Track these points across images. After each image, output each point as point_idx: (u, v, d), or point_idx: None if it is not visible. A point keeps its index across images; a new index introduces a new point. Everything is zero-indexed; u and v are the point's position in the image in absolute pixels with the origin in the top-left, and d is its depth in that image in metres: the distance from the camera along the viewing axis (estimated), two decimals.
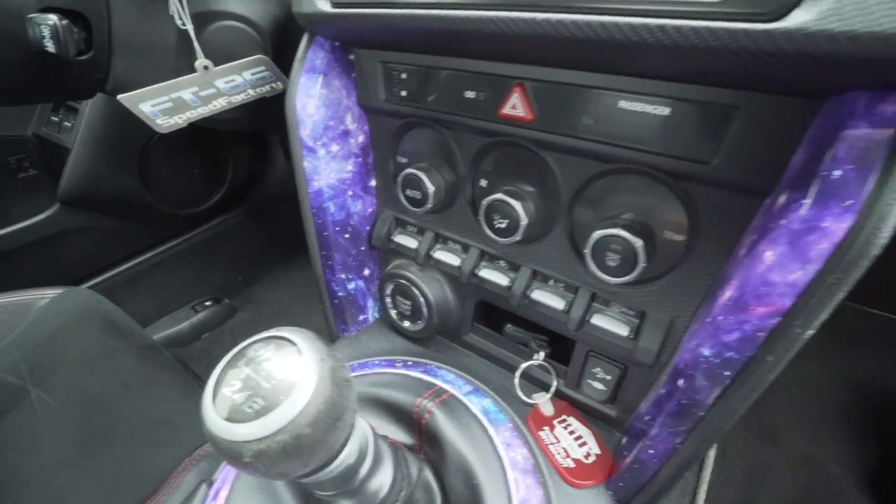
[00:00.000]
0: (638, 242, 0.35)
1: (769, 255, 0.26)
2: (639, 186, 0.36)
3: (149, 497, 0.58)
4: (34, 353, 0.76)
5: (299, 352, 0.24)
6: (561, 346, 0.48)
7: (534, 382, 0.50)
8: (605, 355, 0.44)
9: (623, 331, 0.40)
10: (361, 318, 0.58)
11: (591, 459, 0.43)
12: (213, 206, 1.30)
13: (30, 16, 0.42)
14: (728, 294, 0.29)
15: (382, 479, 0.33)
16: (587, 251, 0.38)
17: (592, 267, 0.38)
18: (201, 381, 0.77)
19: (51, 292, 0.87)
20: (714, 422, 0.31)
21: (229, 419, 0.22)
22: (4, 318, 0.82)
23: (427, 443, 0.42)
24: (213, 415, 0.22)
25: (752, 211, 0.31)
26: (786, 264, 0.25)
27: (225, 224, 1.37)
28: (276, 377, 0.23)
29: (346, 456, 0.28)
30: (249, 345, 0.25)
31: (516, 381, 0.48)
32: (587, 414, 0.47)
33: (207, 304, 1.33)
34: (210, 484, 0.45)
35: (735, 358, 0.29)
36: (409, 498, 0.36)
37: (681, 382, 0.33)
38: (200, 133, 1.21)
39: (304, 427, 0.22)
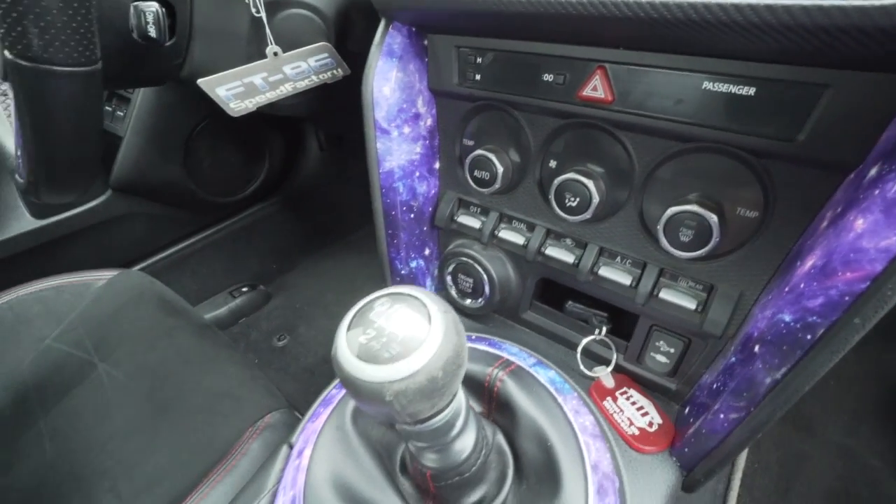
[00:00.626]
0: (713, 217, 0.37)
1: (860, 223, 0.28)
2: (714, 164, 0.38)
3: (217, 463, 0.61)
4: (97, 330, 0.80)
5: (424, 305, 0.27)
6: (621, 322, 0.50)
7: (592, 358, 0.52)
8: (670, 329, 0.45)
9: (690, 304, 0.42)
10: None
11: (654, 428, 0.45)
12: (250, 196, 1.33)
13: (135, 3, 0.45)
14: (811, 263, 0.31)
15: (467, 441, 0.36)
16: (660, 227, 0.40)
17: (664, 242, 0.40)
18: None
19: (107, 274, 0.91)
20: (793, 385, 0.32)
21: (369, 363, 0.24)
22: (66, 298, 0.86)
23: (497, 410, 0.44)
24: (354, 360, 0.25)
25: (834, 186, 0.33)
26: (879, 231, 0.27)
27: (261, 213, 1.41)
28: (408, 326, 0.25)
29: (452, 407, 0.30)
30: (374, 300, 0.28)
31: (578, 355, 0.50)
32: (646, 387, 0.49)
33: (244, 290, 1.37)
34: (290, 446, 0.48)
35: (818, 322, 0.30)
36: (486, 460, 0.39)
37: (757, 349, 0.34)
38: (240, 124, 1.25)
39: (437, 370, 0.24)
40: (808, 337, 0.31)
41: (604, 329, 0.50)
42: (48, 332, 0.80)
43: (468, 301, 0.56)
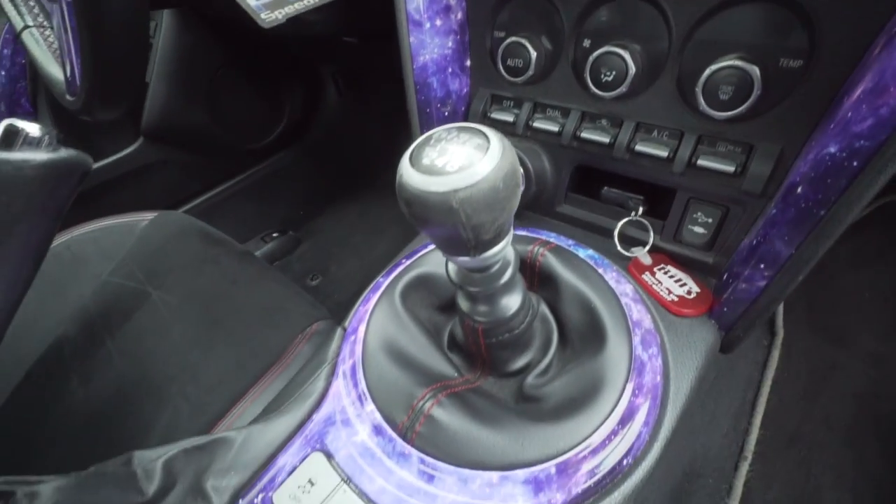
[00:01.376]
0: (754, 69, 0.37)
1: None
2: (754, 15, 0.37)
3: (273, 364, 0.66)
4: (147, 262, 0.85)
5: (479, 130, 0.28)
6: (657, 203, 0.51)
7: (628, 242, 0.53)
8: (707, 199, 0.46)
9: (729, 167, 0.42)
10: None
11: (693, 296, 0.46)
12: (275, 142, 1.35)
13: None
14: (861, 89, 0.31)
15: (514, 298, 0.38)
16: (698, 89, 0.40)
17: (702, 104, 0.40)
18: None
19: (149, 215, 0.95)
20: (838, 214, 0.33)
21: (434, 176, 0.26)
22: (114, 238, 0.91)
23: (540, 283, 0.47)
24: (419, 175, 0.26)
25: (887, 14, 0.32)
26: None
27: (284, 160, 1.43)
28: (467, 146, 0.27)
29: (505, 246, 0.32)
30: (429, 134, 0.29)
31: (616, 236, 0.52)
32: (684, 265, 0.50)
33: (275, 235, 1.42)
34: (345, 329, 0.51)
35: (866, 146, 0.31)
36: (532, 320, 0.41)
37: (800, 190, 0.35)
38: (259, 70, 1.25)
39: (498, 180, 0.26)
40: (855, 164, 0.31)
41: (640, 209, 0.51)
42: (103, 269, 0.85)
43: None
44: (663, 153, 0.45)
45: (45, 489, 0.35)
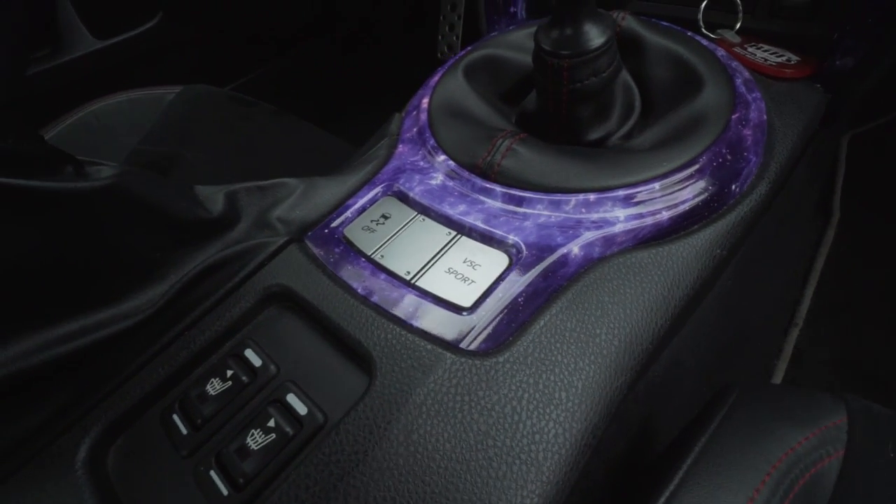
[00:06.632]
0: None
1: None
2: None
3: None
4: (179, 128, 0.82)
5: None
6: None
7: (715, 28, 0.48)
8: None
9: None
10: (511, 10, 0.57)
11: (793, 62, 0.42)
12: (302, 31, 1.28)
13: None
14: None
15: (598, 31, 0.33)
16: None
17: None
18: None
19: (175, 88, 0.91)
20: None
21: None
22: (141, 109, 0.88)
23: (622, 50, 0.42)
24: None
25: None
26: None
27: (313, 53, 1.35)
28: None
29: None
30: None
31: (700, 17, 0.46)
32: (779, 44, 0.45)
33: None
34: (402, 113, 0.47)
35: None
36: (616, 75, 0.37)
37: None
38: None
39: None
40: None
41: None
42: (132, 139, 0.82)
43: None
44: None
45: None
